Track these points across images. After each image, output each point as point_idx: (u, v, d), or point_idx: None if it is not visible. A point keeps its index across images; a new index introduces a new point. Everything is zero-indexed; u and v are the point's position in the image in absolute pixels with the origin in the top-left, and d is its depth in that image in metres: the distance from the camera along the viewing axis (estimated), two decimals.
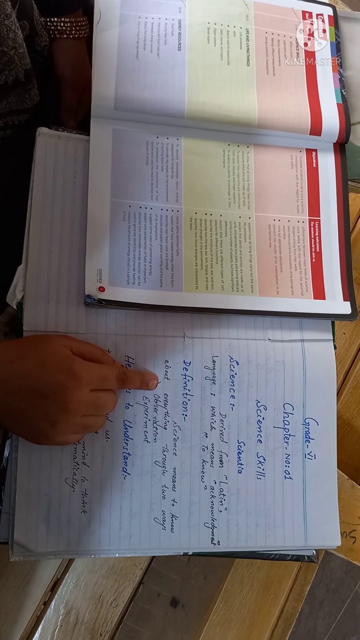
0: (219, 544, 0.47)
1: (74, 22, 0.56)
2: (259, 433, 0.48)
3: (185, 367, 0.48)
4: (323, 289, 0.51)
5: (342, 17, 0.57)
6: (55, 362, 0.39)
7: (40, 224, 0.47)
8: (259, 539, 0.47)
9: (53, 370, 0.39)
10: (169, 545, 0.46)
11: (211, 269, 0.49)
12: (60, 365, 0.39)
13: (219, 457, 0.48)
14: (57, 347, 0.41)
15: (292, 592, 0.62)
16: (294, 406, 0.49)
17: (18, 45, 0.48)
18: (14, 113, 0.53)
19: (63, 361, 0.40)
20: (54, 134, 0.49)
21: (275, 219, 0.51)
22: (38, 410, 0.39)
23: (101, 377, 0.41)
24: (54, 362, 0.39)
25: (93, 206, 0.47)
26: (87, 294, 0.45)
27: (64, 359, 0.40)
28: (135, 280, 0.47)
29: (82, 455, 0.45)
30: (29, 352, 0.40)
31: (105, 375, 0.42)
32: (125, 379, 0.44)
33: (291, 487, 0.49)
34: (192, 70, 0.51)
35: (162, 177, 0.49)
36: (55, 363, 0.39)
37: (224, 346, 0.49)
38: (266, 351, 0.49)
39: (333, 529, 0.49)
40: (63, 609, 0.54)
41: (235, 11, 0.53)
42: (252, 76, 0.52)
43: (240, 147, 0.52)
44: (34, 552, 0.43)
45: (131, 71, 0.49)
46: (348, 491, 0.57)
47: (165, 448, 0.47)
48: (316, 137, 0.53)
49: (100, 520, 0.45)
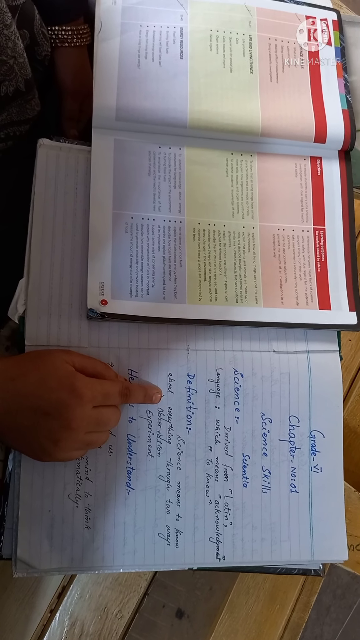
0: (224, 559, 0.46)
1: (75, 30, 0.56)
2: (264, 446, 0.48)
3: (189, 380, 0.47)
4: (328, 299, 0.50)
5: (346, 21, 0.56)
6: (57, 379, 0.39)
7: (42, 236, 0.46)
8: (264, 554, 0.47)
9: (55, 387, 0.39)
10: (173, 561, 0.45)
11: (215, 280, 0.48)
12: (62, 382, 0.39)
13: (224, 471, 0.47)
14: (59, 363, 0.40)
15: (299, 603, 0.61)
16: (300, 418, 0.49)
17: (18, 54, 0.47)
18: (15, 124, 0.52)
19: (65, 378, 0.39)
20: (55, 145, 0.48)
21: (279, 229, 0.51)
22: (40, 428, 0.39)
23: (103, 394, 0.41)
24: (56, 379, 0.39)
25: (95, 218, 0.47)
26: (89, 308, 0.45)
27: (66, 376, 0.40)
28: (137, 292, 0.46)
29: (85, 470, 0.45)
30: (31, 370, 0.39)
31: (107, 391, 0.42)
32: (128, 394, 0.44)
33: (297, 501, 0.48)
34: (194, 79, 0.50)
35: (165, 187, 0.49)
36: (56, 380, 0.39)
37: (228, 358, 0.48)
38: (271, 363, 0.49)
39: (340, 542, 0.48)
40: (68, 621, 0.54)
41: (237, 17, 0.52)
42: (255, 83, 0.51)
43: (243, 156, 0.51)
44: (37, 568, 0.43)
45: (132, 80, 0.49)
46: (355, 504, 0.56)
47: (170, 462, 0.46)
48: (321, 145, 0.52)
49: (104, 536, 0.44)
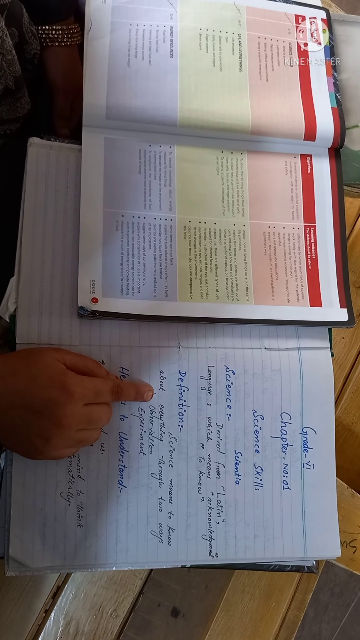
0: (217, 556, 0.46)
1: (65, 29, 0.56)
2: (256, 443, 0.48)
3: (181, 377, 0.47)
4: (319, 296, 0.50)
5: (335, 20, 0.56)
6: (48, 377, 0.39)
7: (33, 235, 0.46)
8: (257, 551, 0.47)
9: (45, 385, 0.39)
10: (166, 558, 0.45)
11: (206, 278, 0.48)
12: (53, 380, 0.39)
13: (216, 468, 0.47)
14: (50, 361, 0.40)
15: (294, 601, 0.61)
16: (292, 415, 0.49)
17: (6, 51, 0.47)
18: (5, 122, 0.52)
19: (55, 376, 0.39)
20: (46, 144, 0.48)
21: (270, 226, 0.51)
22: (31, 426, 0.39)
23: (94, 391, 0.41)
24: (46, 377, 0.39)
25: (85, 216, 0.47)
26: (80, 306, 0.45)
27: (56, 374, 0.40)
28: (128, 290, 0.47)
29: (77, 468, 0.45)
30: (21, 368, 0.39)
31: (98, 388, 0.41)
32: (119, 391, 0.44)
33: (290, 498, 0.48)
34: (184, 77, 0.50)
35: (155, 185, 0.49)
36: (47, 378, 0.39)
37: (220, 356, 0.48)
38: (262, 360, 0.49)
39: (333, 539, 0.49)
40: (63, 620, 0.54)
41: (227, 16, 0.52)
42: (245, 82, 0.52)
43: (233, 154, 0.51)
44: (29, 567, 0.43)
45: (123, 79, 0.49)
46: (348, 500, 0.56)
47: (162, 460, 0.46)
48: (311, 142, 0.52)
49: (97, 534, 0.44)
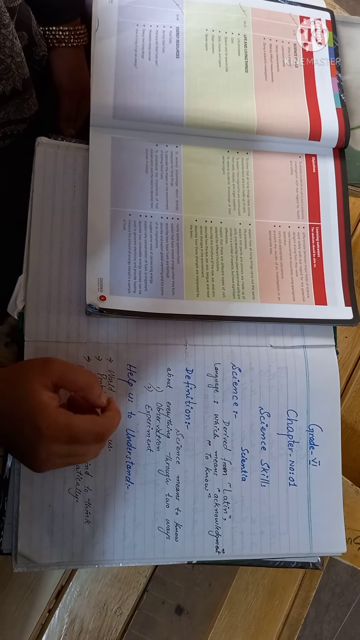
0: (224, 552, 0.46)
1: (72, 30, 0.56)
2: (262, 440, 0.48)
3: (188, 374, 0.47)
4: (324, 295, 0.51)
5: (339, 21, 0.57)
6: (23, 411, 0.38)
7: (41, 233, 0.47)
8: (263, 547, 0.47)
9: (21, 419, 0.38)
10: (173, 555, 0.46)
11: (212, 276, 0.49)
12: (26, 415, 0.38)
13: (223, 465, 0.47)
14: (30, 392, 0.38)
15: (297, 598, 0.61)
16: (298, 413, 0.49)
17: (15, 54, 0.48)
18: (12, 123, 0.53)
19: (29, 411, 0.38)
20: (53, 144, 0.49)
21: (275, 225, 0.51)
22: (17, 449, 0.39)
23: (70, 436, 0.38)
24: (22, 410, 0.38)
25: (93, 215, 0.47)
26: (88, 303, 0.45)
27: (30, 409, 0.38)
28: (136, 288, 0.47)
29: (85, 465, 0.45)
30: (8, 393, 0.39)
31: (75, 435, 0.38)
32: (105, 434, 0.40)
33: (296, 494, 0.48)
34: (190, 78, 0.51)
35: (162, 184, 0.49)
36: (22, 412, 0.38)
37: (226, 353, 0.48)
38: (268, 358, 0.49)
39: (338, 535, 0.49)
40: (67, 618, 0.54)
41: (232, 18, 0.53)
42: (251, 82, 0.52)
43: (239, 154, 0.52)
44: (37, 563, 0.43)
45: (129, 79, 0.49)
46: (352, 497, 0.56)
47: (169, 456, 0.46)
48: (315, 142, 0.52)
49: (104, 530, 0.45)
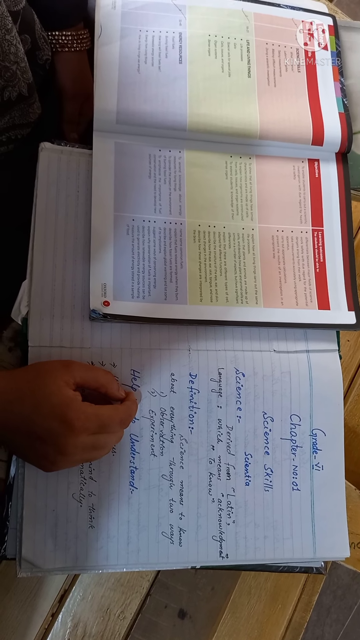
0: (228, 557, 0.46)
1: (75, 35, 0.56)
2: (266, 445, 0.48)
3: (191, 379, 0.48)
4: (327, 299, 0.51)
5: (342, 26, 0.57)
6: (50, 407, 0.39)
7: (44, 238, 0.47)
8: (267, 552, 0.47)
9: (47, 415, 0.38)
10: (177, 559, 0.46)
11: (215, 281, 0.49)
12: (54, 411, 0.38)
13: (226, 470, 0.47)
14: (55, 388, 0.39)
15: (300, 602, 0.61)
16: (301, 417, 0.49)
17: (20, 59, 0.48)
18: (17, 127, 0.53)
19: (57, 406, 0.39)
20: (57, 149, 0.49)
21: (278, 230, 0.51)
22: (37, 450, 0.39)
23: (99, 425, 0.40)
24: (49, 406, 0.39)
25: (96, 220, 0.47)
26: (91, 309, 0.45)
27: (59, 404, 0.39)
28: (139, 293, 0.47)
29: (89, 470, 0.45)
30: (26, 394, 0.39)
31: (103, 422, 0.40)
32: (128, 419, 0.43)
33: (299, 499, 0.48)
34: (193, 83, 0.51)
35: (165, 190, 0.49)
36: (49, 408, 0.39)
37: (230, 358, 0.48)
38: (272, 362, 0.49)
39: (342, 540, 0.49)
40: (70, 622, 0.54)
41: (235, 23, 0.53)
42: (253, 87, 0.52)
43: (242, 159, 0.52)
44: (41, 568, 0.43)
45: (132, 85, 0.49)
46: (355, 502, 0.57)
47: (172, 461, 0.46)
48: (318, 147, 0.53)
49: (108, 535, 0.45)
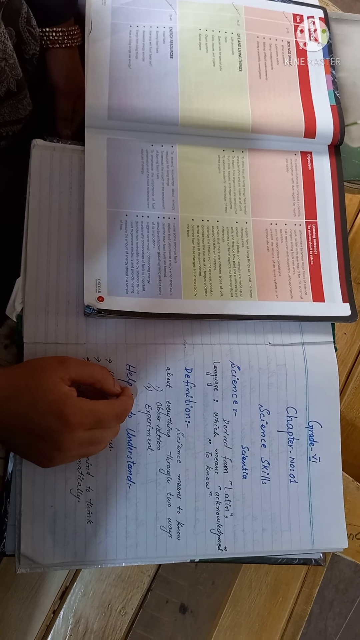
0: (226, 550, 0.46)
1: (65, 31, 0.56)
2: (262, 437, 0.48)
3: (187, 374, 0.48)
4: (322, 292, 0.51)
5: (333, 18, 0.57)
6: (46, 404, 0.39)
7: (38, 235, 0.47)
8: (265, 544, 0.47)
9: (43, 411, 0.39)
10: (175, 553, 0.46)
11: (209, 275, 0.49)
12: (51, 407, 0.39)
13: (223, 463, 0.48)
14: (51, 385, 0.40)
15: (301, 595, 0.61)
16: (297, 409, 0.49)
17: (8, 56, 0.48)
18: (7, 124, 0.53)
19: (53, 402, 0.39)
20: (49, 146, 0.49)
21: (272, 223, 0.51)
22: (34, 446, 0.40)
23: (95, 420, 0.40)
24: (46, 403, 0.39)
25: (90, 216, 0.47)
26: (86, 304, 0.45)
27: (55, 401, 0.39)
28: (133, 289, 0.47)
29: (86, 465, 0.45)
30: (22, 391, 0.39)
31: (99, 417, 0.41)
32: (124, 413, 0.43)
33: (296, 491, 0.49)
34: (184, 77, 0.51)
35: (158, 184, 0.49)
36: (45, 404, 0.39)
37: (225, 352, 0.49)
38: (267, 355, 0.49)
39: (340, 531, 0.49)
40: (72, 619, 0.54)
41: (226, 17, 0.53)
42: (245, 81, 0.52)
43: (235, 153, 0.52)
44: (40, 564, 0.43)
45: (124, 80, 0.49)
46: (353, 493, 0.57)
47: (169, 455, 0.47)
48: (311, 140, 0.53)
49: (107, 530, 0.45)
